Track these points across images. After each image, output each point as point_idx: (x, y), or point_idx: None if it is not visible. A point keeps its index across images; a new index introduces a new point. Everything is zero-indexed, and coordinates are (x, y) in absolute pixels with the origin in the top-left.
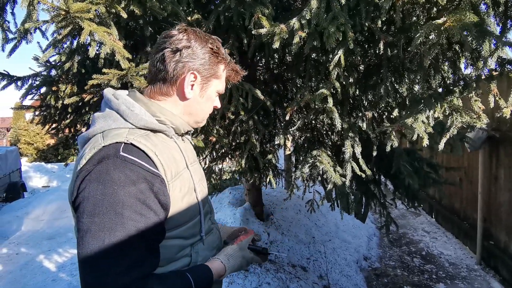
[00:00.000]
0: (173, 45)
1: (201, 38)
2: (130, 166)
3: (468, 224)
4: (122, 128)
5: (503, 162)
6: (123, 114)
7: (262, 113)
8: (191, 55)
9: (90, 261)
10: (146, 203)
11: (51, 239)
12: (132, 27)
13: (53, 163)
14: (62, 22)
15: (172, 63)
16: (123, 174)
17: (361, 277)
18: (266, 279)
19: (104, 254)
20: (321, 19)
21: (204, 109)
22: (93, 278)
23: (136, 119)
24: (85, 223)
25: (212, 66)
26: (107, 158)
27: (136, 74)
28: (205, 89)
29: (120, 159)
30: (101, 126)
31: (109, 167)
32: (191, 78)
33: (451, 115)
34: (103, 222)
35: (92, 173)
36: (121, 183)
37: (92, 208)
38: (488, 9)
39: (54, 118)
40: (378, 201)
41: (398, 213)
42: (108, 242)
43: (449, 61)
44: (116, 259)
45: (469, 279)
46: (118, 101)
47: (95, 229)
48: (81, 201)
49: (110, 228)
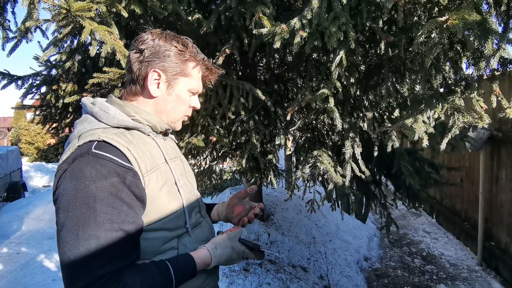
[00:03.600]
0: (137, 46)
1: (165, 38)
2: (101, 162)
3: (469, 224)
4: (96, 129)
5: (504, 162)
6: (96, 115)
7: (262, 113)
8: (154, 54)
9: (66, 255)
10: (118, 196)
11: (52, 238)
12: (132, 26)
13: (54, 162)
14: (63, 21)
15: (136, 63)
16: (94, 169)
17: (362, 277)
18: (267, 280)
19: (78, 248)
20: (322, 18)
21: (175, 108)
22: (68, 271)
23: (109, 119)
24: (60, 218)
25: (178, 64)
26: (80, 156)
27: None
28: (172, 87)
29: (92, 155)
30: (78, 130)
31: (81, 164)
32: (155, 76)
33: (452, 115)
34: (77, 216)
35: (67, 171)
36: (93, 178)
37: (66, 203)
38: (490, 9)
39: (54, 118)
40: (379, 201)
41: (398, 213)
42: (81, 236)
43: (451, 61)
44: (89, 252)
45: (470, 280)
46: (92, 105)
47: (70, 223)
48: (57, 197)
49: (83, 222)
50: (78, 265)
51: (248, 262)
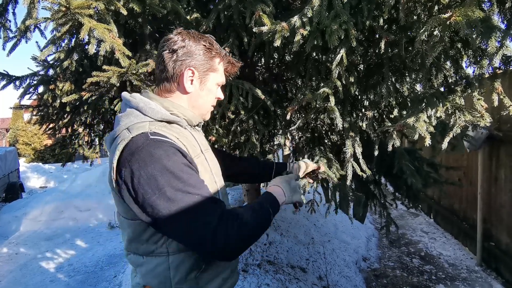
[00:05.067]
0: (170, 47)
1: (194, 38)
2: (164, 144)
3: (468, 224)
4: (143, 122)
5: (504, 162)
6: (142, 110)
7: (262, 112)
8: (186, 54)
9: (186, 221)
10: (188, 166)
11: (49, 240)
12: (131, 25)
13: (51, 163)
14: (62, 19)
15: (171, 63)
16: (163, 150)
17: (361, 278)
18: (265, 281)
19: (191, 209)
20: (323, 17)
21: (206, 101)
22: (198, 228)
23: (153, 113)
24: (156, 201)
25: (207, 61)
26: (142, 146)
27: (136, 71)
28: (204, 83)
29: (153, 141)
30: (125, 123)
31: (149, 149)
32: (189, 74)
33: (454, 114)
34: (173, 189)
35: (134, 162)
36: (165, 157)
37: (156, 185)
38: (492, 6)
39: (51, 118)
40: (379, 201)
41: (396, 213)
42: (187, 200)
43: (452, 59)
44: (202, 207)
45: (470, 281)
46: (136, 100)
47: (171, 197)
48: (138, 188)
49: (181, 190)
50: (200, 220)
51: (247, 263)
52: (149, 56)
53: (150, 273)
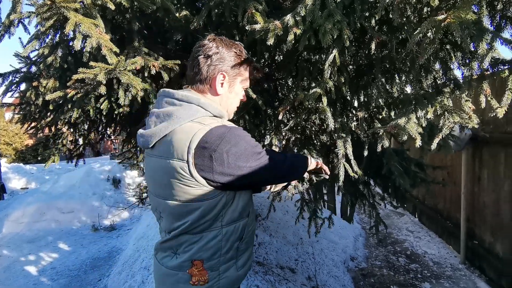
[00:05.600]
0: (205, 52)
1: (227, 45)
2: (239, 129)
3: (452, 223)
4: (208, 116)
5: (486, 163)
6: (203, 105)
7: (253, 112)
8: (219, 59)
9: (274, 167)
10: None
11: (31, 242)
12: (118, 20)
13: (32, 164)
14: (46, 13)
15: (205, 67)
16: (242, 132)
17: (349, 277)
18: (255, 282)
19: (275, 162)
20: (316, 16)
21: (233, 103)
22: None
23: (212, 109)
24: (252, 165)
25: (237, 66)
26: (226, 132)
27: (124, 69)
28: (233, 86)
29: (233, 127)
30: (187, 115)
31: (233, 132)
32: (221, 78)
33: (443, 115)
34: (260, 154)
35: (226, 144)
36: (246, 135)
37: (245, 155)
38: (480, 9)
39: (33, 116)
40: (368, 201)
41: (382, 213)
42: (269, 158)
43: (441, 61)
44: (277, 160)
45: (454, 279)
46: (194, 96)
47: (261, 160)
48: (235, 160)
49: (266, 155)
50: (279, 163)
51: None
52: (138, 53)
53: (204, 247)
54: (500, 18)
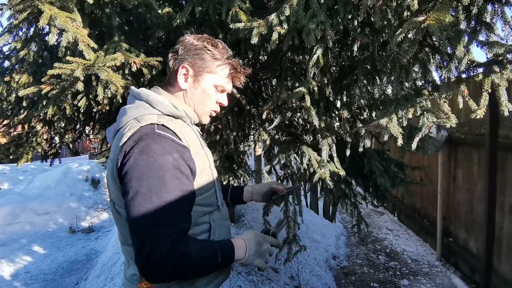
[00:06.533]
0: (176, 46)
1: (199, 39)
2: (165, 140)
3: (428, 222)
4: (152, 114)
5: (461, 163)
6: (151, 103)
7: (236, 109)
8: (186, 52)
9: (140, 217)
10: (180, 169)
11: (3, 245)
12: (97, 15)
13: (4, 163)
14: (20, 5)
15: (172, 60)
16: (161, 146)
17: (331, 276)
18: (238, 282)
19: (152, 211)
20: (300, 16)
21: (200, 102)
22: (143, 231)
23: (163, 107)
24: (134, 186)
25: (205, 61)
26: (146, 135)
27: (103, 65)
28: (198, 82)
29: (157, 135)
30: (133, 114)
31: (149, 141)
32: (183, 71)
33: (422, 115)
34: (149, 184)
35: (135, 147)
36: (160, 153)
37: (140, 173)
38: (457, 13)
39: (5, 113)
40: (350, 201)
41: (363, 212)
42: (155, 200)
43: (420, 63)
44: (161, 214)
45: (431, 275)
46: (146, 93)
47: (143, 190)
48: (128, 169)
49: (156, 189)
50: (151, 225)
51: None
52: (118, 49)
53: None
54: (476, 22)
